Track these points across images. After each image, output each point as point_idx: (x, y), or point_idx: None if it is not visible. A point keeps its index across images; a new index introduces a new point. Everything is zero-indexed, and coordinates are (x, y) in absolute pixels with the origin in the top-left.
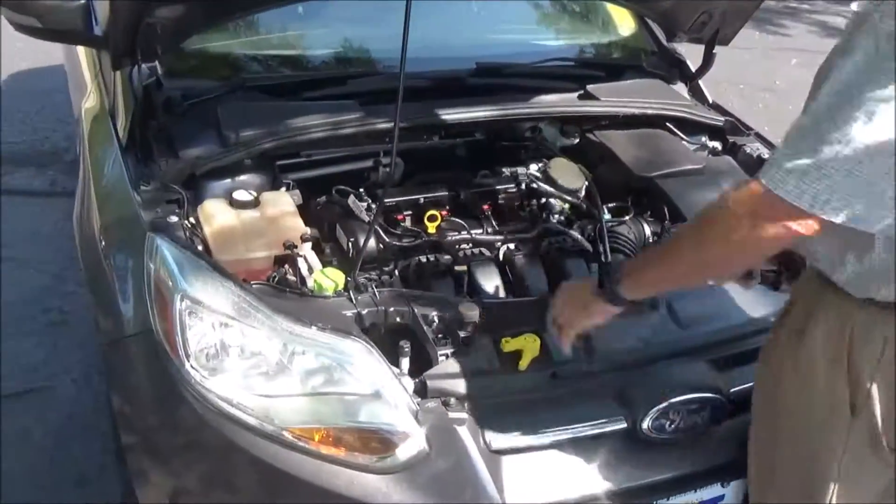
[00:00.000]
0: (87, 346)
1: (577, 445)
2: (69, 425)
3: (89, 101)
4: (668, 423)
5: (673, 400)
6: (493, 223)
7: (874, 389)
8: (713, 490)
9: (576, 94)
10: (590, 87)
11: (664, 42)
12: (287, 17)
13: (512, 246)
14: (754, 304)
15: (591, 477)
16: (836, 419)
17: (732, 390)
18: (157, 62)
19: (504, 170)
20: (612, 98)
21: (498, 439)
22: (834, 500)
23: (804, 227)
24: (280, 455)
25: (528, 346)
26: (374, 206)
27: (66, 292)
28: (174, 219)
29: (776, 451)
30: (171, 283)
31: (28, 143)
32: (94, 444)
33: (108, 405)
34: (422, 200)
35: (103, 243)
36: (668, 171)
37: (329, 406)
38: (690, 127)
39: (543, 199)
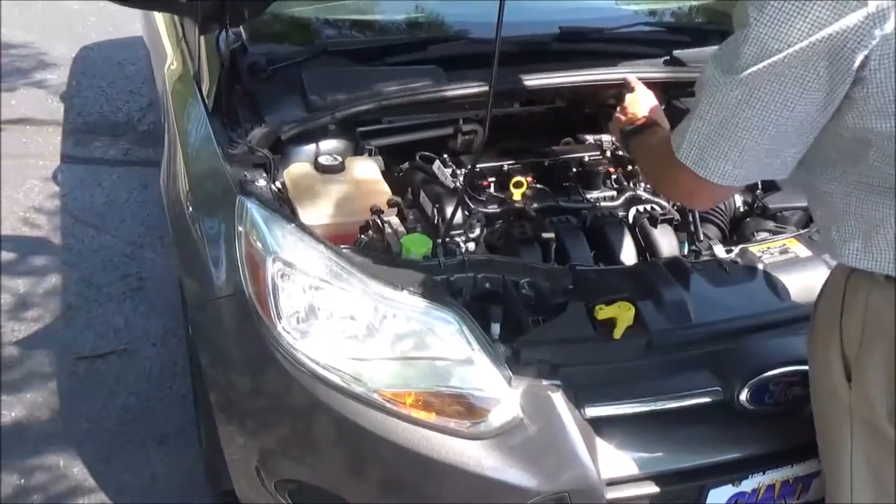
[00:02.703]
0: (165, 311)
1: (673, 416)
2: (150, 386)
3: (172, 69)
4: (767, 395)
5: (771, 372)
6: (580, 191)
7: (862, 357)
8: (809, 465)
9: (661, 60)
10: (676, 53)
11: None
12: None
13: (599, 214)
14: None
15: (686, 448)
16: (836, 395)
17: None
18: (241, 27)
19: (588, 137)
20: (699, 64)
21: (592, 408)
22: (852, 491)
23: (716, 192)
24: (372, 417)
25: (622, 314)
26: (458, 171)
27: (144, 258)
28: (262, 182)
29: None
30: (262, 246)
31: (102, 114)
32: (174, 405)
33: (188, 368)
34: (506, 167)
35: (191, 208)
36: None
37: (420, 370)
38: None
39: (630, 167)
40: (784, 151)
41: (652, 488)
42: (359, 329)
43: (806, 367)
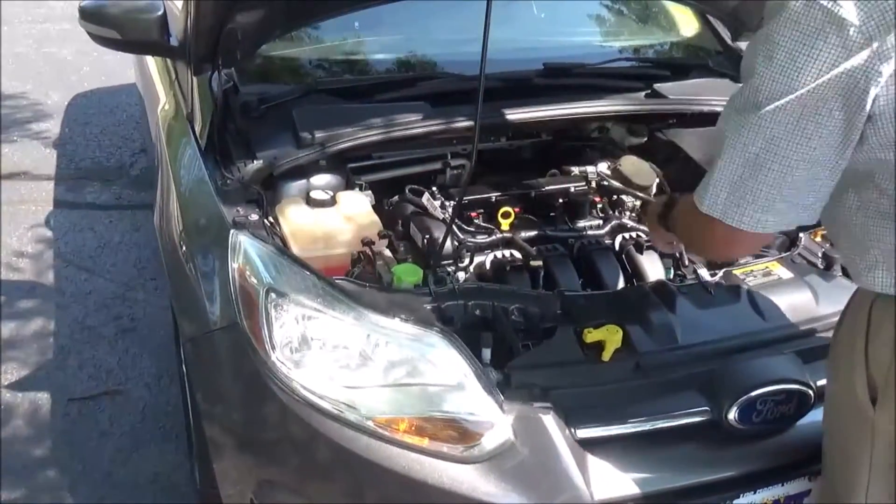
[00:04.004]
0: (158, 351)
1: (662, 436)
2: (143, 426)
3: (166, 111)
4: (755, 414)
5: (759, 391)
6: (566, 220)
7: (891, 380)
8: (800, 484)
9: (643, 94)
10: (657, 86)
11: (729, 41)
12: (354, 24)
13: (585, 242)
14: (836, 295)
15: (676, 468)
16: (859, 413)
17: (819, 383)
18: (233, 68)
19: (573, 169)
20: (680, 96)
21: (582, 429)
22: None
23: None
24: (366, 445)
25: (610, 337)
26: (448, 203)
27: (136, 300)
28: (255, 217)
29: (826, 450)
30: (255, 279)
31: (95, 160)
32: (167, 444)
33: (182, 406)
34: (494, 199)
35: (184, 246)
36: None
37: (413, 396)
38: None
39: (615, 197)
40: (807, 195)
41: None
42: (352, 357)
43: (793, 387)
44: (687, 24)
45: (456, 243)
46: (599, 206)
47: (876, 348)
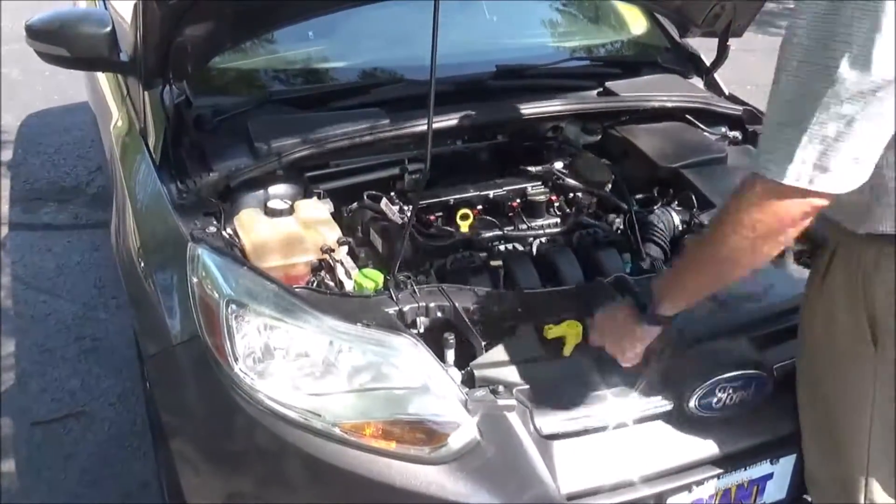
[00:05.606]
0: (121, 370)
1: (626, 428)
2: (110, 446)
3: (118, 128)
4: (715, 401)
5: (717, 378)
6: (524, 219)
7: (892, 321)
8: (763, 468)
9: (595, 92)
10: (608, 84)
11: (677, 38)
12: (306, 34)
13: (544, 240)
14: (789, 281)
15: (641, 458)
16: (860, 355)
17: (776, 366)
18: (185, 81)
19: (530, 168)
20: (632, 93)
21: (547, 424)
22: (871, 452)
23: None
24: (333, 451)
25: (570, 332)
26: (406, 208)
27: (98, 320)
28: (213, 230)
29: (815, 405)
30: (215, 291)
31: (50, 180)
32: (135, 462)
33: (148, 423)
34: (452, 201)
35: (143, 263)
36: (692, 161)
37: (378, 401)
38: (709, 118)
39: (571, 195)
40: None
41: (611, 500)
42: (316, 365)
43: (750, 372)
44: (636, 22)
45: (416, 247)
46: (557, 204)
47: (878, 292)
